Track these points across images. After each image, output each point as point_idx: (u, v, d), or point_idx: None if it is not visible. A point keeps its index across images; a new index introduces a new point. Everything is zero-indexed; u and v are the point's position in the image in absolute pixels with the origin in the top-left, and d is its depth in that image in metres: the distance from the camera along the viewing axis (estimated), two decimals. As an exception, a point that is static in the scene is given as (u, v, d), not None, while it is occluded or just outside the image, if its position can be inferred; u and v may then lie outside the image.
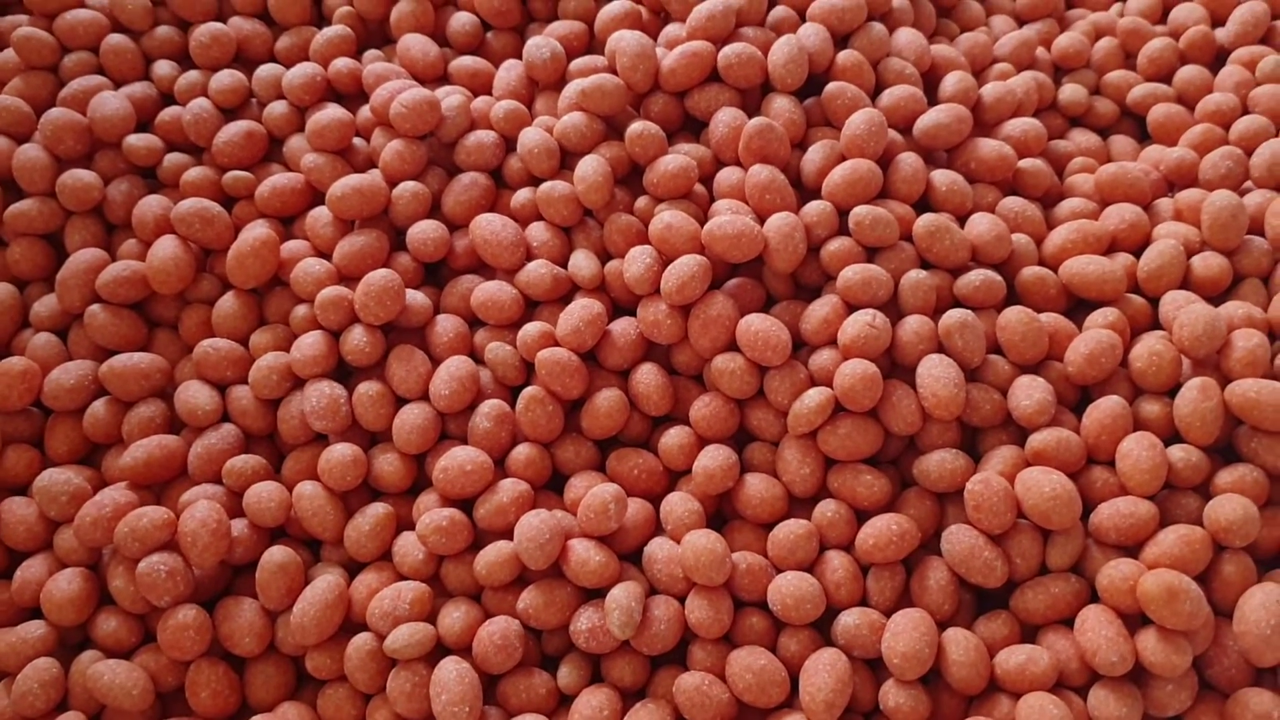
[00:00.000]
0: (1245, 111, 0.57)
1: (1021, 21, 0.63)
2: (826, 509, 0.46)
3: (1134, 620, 0.43)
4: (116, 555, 0.46)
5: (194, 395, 0.49)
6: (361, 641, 0.44)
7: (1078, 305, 0.51)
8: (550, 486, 0.49)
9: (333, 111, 0.53)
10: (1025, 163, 0.54)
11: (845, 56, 0.53)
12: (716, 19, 0.52)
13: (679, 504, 0.46)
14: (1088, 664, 0.42)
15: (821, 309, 0.48)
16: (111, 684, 0.43)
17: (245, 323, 0.51)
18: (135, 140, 0.54)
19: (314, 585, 0.45)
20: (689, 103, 0.53)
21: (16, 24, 0.57)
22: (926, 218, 0.49)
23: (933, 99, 0.55)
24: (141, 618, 0.46)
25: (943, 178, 0.51)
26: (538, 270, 0.49)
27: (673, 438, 0.48)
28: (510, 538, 0.45)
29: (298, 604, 0.44)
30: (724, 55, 0.52)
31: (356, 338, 0.48)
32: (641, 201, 0.51)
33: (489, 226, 0.50)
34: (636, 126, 0.51)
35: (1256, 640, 0.41)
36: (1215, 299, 0.50)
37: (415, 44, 0.56)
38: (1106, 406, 0.46)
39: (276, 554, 0.45)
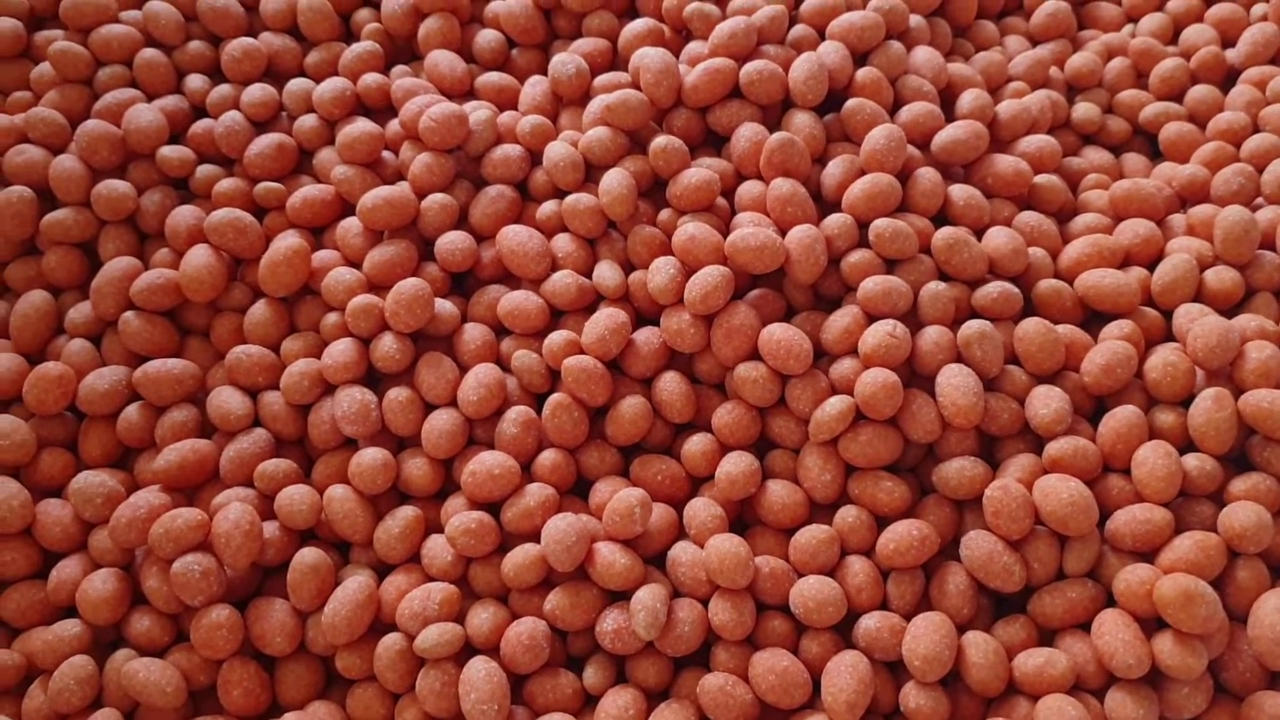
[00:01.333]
0: (1256, 130, 0.58)
1: (1035, 41, 0.64)
2: (847, 515, 0.47)
3: (1150, 624, 0.43)
4: (150, 556, 0.47)
5: (226, 400, 0.50)
6: (391, 641, 0.45)
7: (1093, 317, 0.52)
8: (575, 492, 0.49)
9: (362, 125, 0.55)
10: (1041, 178, 0.55)
11: (865, 73, 0.54)
12: (739, 37, 0.54)
13: (702, 509, 0.47)
14: (1105, 667, 0.43)
15: (842, 319, 0.49)
16: (146, 682, 0.44)
17: (276, 330, 0.52)
18: (168, 151, 0.55)
19: (344, 586, 0.46)
20: (711, 118, 0.54)
21: (52, 38, 0.58)
22: (945, 231, 0.50)
23: (950, 116, 0.56)
24: (174, 617, 0.47)
25: (960, 192, 0.52)
26: (563, 280, 0.51)
27: (695, 444, 0.49)
28: (537, 540, 0.46)
29: (329, 604, 0.45)
30: (746, 72, 0.53)
31: (386, 345, 0.49)
32: (664, 214, 0.52)
33: (515, 238, 0.51)
34: (660, 140, 0.52)
35: (1271, 644, 0.42)
36: (1228, 312, 0.51)
37: (443, 60, 0.58)
38: (1122, 416, 0.47)
39: (308, 555, 0.46)
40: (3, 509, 0.47)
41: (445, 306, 0.51)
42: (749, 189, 0.52)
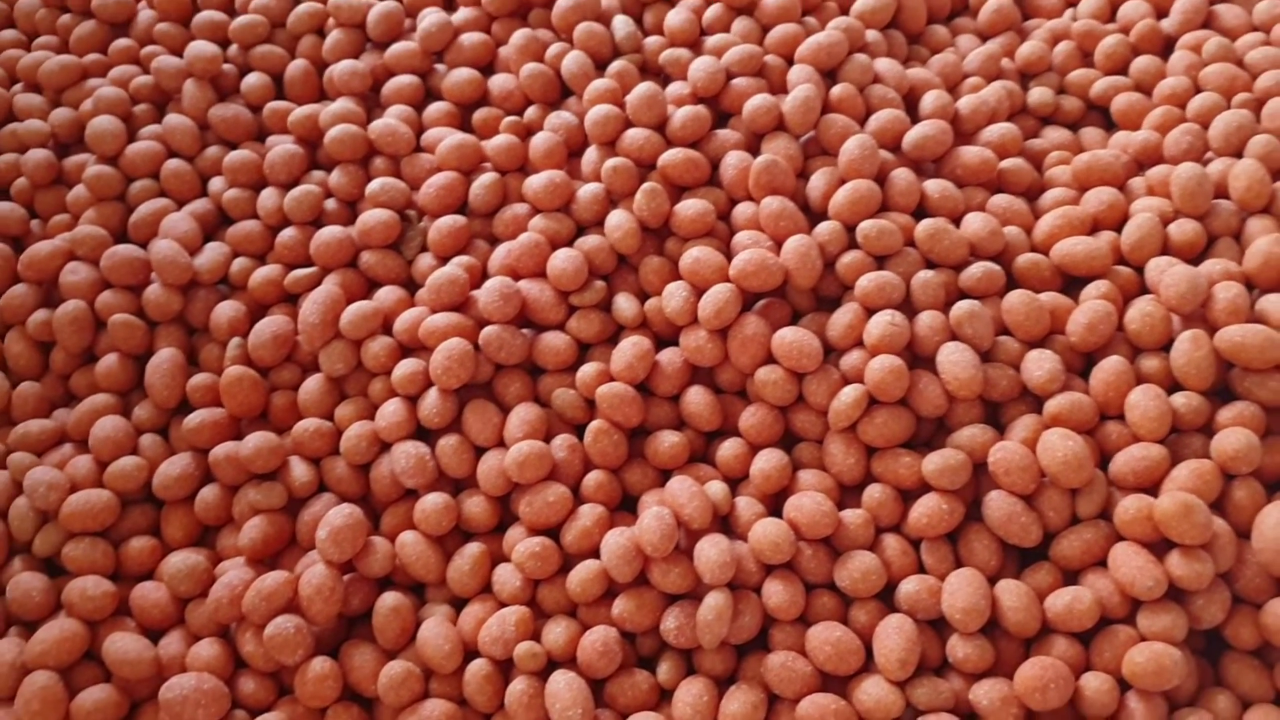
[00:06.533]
0: (1198, 90, 0.62)
1: (984, 37, 0.69)
2: (874, 492, 0.51)
3: (1158, 549, 0.47)
4: (244, 623, 0.50)
5: (295, 471, 0.54)
6: (478, 667, 0.49)
7: (1071, 282, 0.56)
8: (621, 507, 0.53)
9: (379, 214, 0.59)
10: (1006, 163, 0.59)
11: (841, 89, 0.59)
12: (716, 76, 0.59)
13: (745, 507, 0.51)
14: (1128, 595, 0.47)
15: (845, 316, 0.53)
16: (262, 738, 0.48)
17: (329, 400, 0.56)
18: (202, 262, 0.59)
19: (428, 623, 0.50)
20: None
21: (82, 163, 0.63)
22: (925, 223, 0.55)
23: (915, 117, 0.60)
24: (274, 675, 0.51)
25: (934, 186, 0.57)
26: (586, 316, 0.55)
27: (728, 449, 0.53)
28: (596, 556, 0.50)
29: (424, 640, 0.49)
30: (748, 108, 0.58)
31: (432, 402, 0.53)
32: (670, 243, 0.57)
33: (531, 290, 0.55)
34: (647, 187, 0.56)
35: (1275, 554, 0.46)
36: (1194, 260, 0.55)
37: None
38: (1110, 366, 0.51)
39: (389, 599, 0.50)
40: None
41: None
42: (743, 210, 0.56)
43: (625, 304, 0.55)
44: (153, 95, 0.65)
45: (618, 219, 0.56)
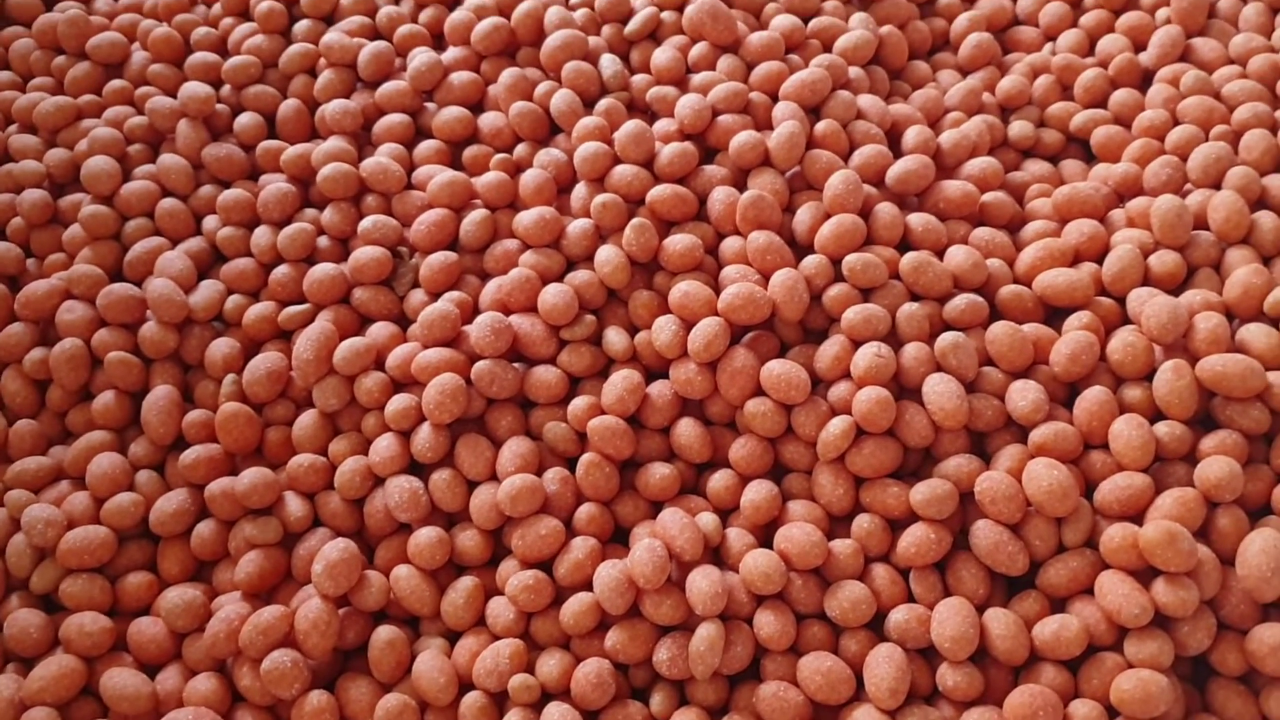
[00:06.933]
0: (1176, 123, 0.63)
1: (965, 72, 0.70)
2: (863, 522, 0.52)
3: (1144, 577, 0.48)
4: (240, 658, 0.51)
5: (290, 506, 0.54)
6: (473, 699, 0.49)
7: (1054, 313, 0.57)
8: (613, 539, 0.54)
9: (371, 251, 0.59)
10: (988, 196, 0.60)
11: (825, 126, 0.60)
12: (702, 113, 0.60)
13: (735, 539, 0.51)
14: (1115, 622, 0.48)
15: (832, 348, 0.54)
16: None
17: (323, 435, 0.56)
18: (197, 300, 0.59)
19: (423, 656, 0.50)
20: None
21: (77, 202, 0.64)
22: (910, 256, 0.55)
23: (897, 152, 0.62)
24: (271, 709, 0.51)
25: (918, 219, 0.58)
26: (576, 350, 0.56)
27: (718, 480, 0.54)
28: (588, 589, 0.51)
29: (419, 673, 0.49)
30: (735, 144, 0.59)
31: (425, 437, 0.54)
32: (659, 277, 0.58)
33: (522, 325, 0.56)
34: (635, 222, 0.57)
35: (1259, 581, 0.47)
36: (1174, 290, 0.56)
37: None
38: (1093, 396, 0.52)
39: (384, 633, 0.51)
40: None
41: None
42: (730, 244, 0.57)
43: (615, 338, 0.56)
44: (147, 135, 0.66)
45: (607, 254, 0.57)
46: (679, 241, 0.57)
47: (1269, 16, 0.67)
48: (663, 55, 0.64)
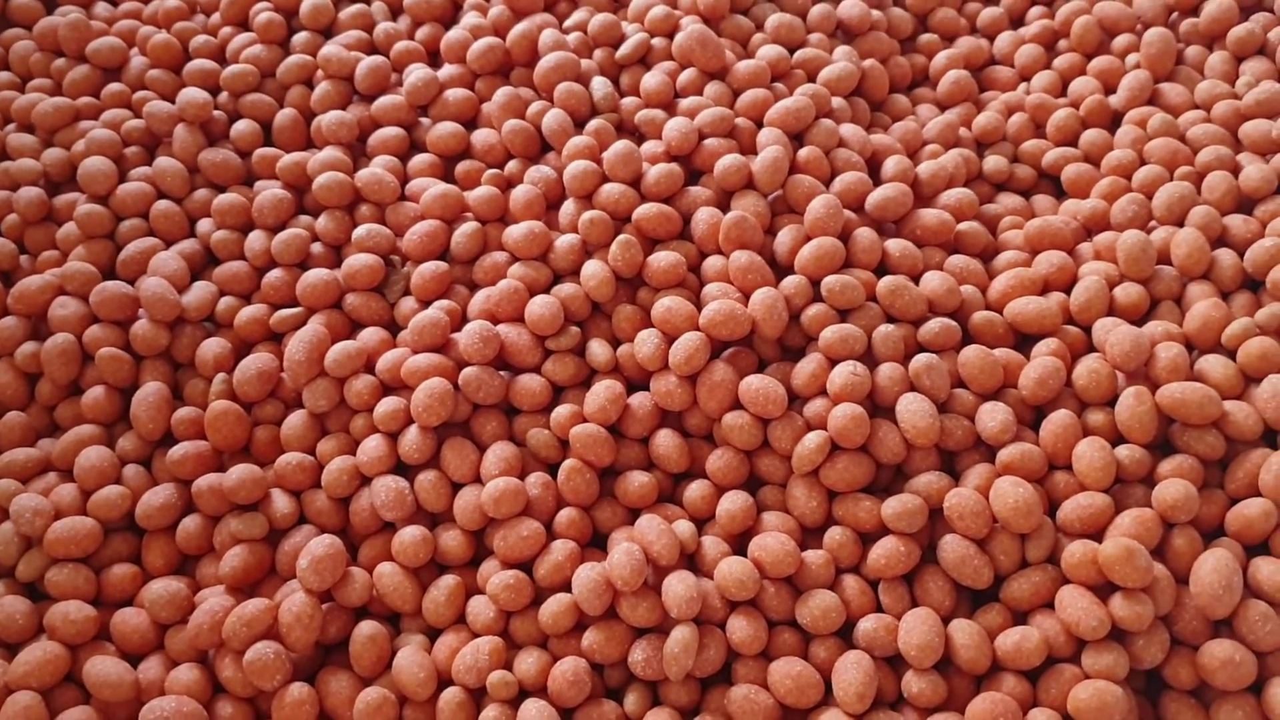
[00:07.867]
0: (1143, 163, 0.65)
1: (943, 107, 0.72)
2: (835, 534, 0.53)
3: (1102, 592, 0.50)
4: (223, 649, 0.51)
5: (277, 502, 0.55)
6: (451, 695, 0.50)
7: (1023, 339, 0.59)
8: (592, 544, 0.55)
9: (364, 258, 0.61)
10: (963, 226, 0.62)
11: (807, 152, 0.62)
12: (689, 136, 0.62)
13: (710, 546, 0.53)
14: (1073, 635, 0.49)
15: (809, 365, 0.55)
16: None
17: (311, 435, 0.58)
18: (189, 300, 0.60)
19: (403, 652, 0.51)
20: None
21: (72, 201, 0.65)
22: (887, 280, 0.57)
23: (877, 180, 0.63)
24: (251, 701, 0.52)
25: (895, 245, 0.60)
26: (561, 360, 0.57)
27: (694, 490, 0.55)
28: (567, 590, 0.52)
29: (399, 668, 0.50)
30: (720, 167, 0.61)
31: (412, 439, 0.55)
32: (642, 292, 0.59)
33: (509, 334, 0.57)
34: (621, 239, 0.59)
35: (1211, 599, 0.49)
36: (1138, 321, 0.58)
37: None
38: (1058, 419, 0.54)
39: (366, 628, 0.52)
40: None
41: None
42: (712, 263, 0.59)
43: (598, 349, 0.58)
44: (144, 138, 0.67)
45: (593, 268, 0.58)
46: (663, 259, 0.59)
47: (1233, 65, 0.70)
48: (652, 79, 0.66)
